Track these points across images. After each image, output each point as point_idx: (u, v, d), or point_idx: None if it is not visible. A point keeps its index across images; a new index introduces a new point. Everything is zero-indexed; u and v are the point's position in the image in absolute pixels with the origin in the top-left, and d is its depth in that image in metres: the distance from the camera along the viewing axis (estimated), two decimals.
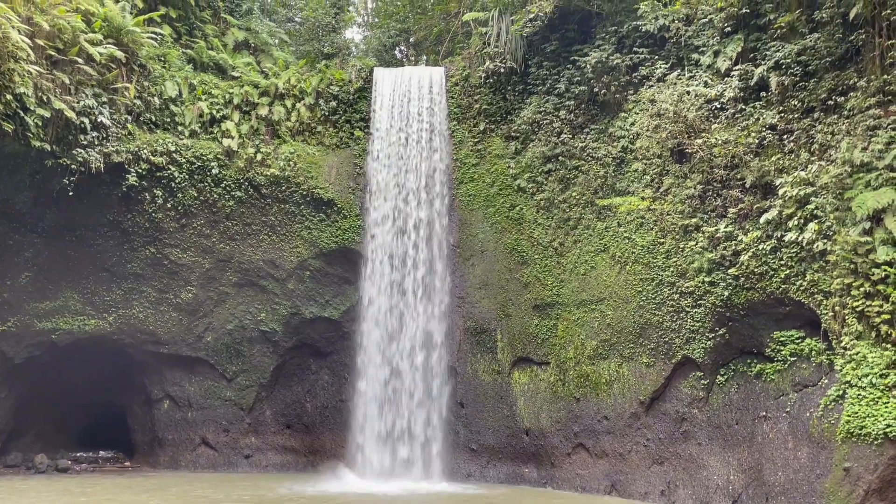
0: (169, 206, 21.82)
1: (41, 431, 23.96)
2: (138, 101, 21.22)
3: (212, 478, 21.46)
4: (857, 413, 13.27)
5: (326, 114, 23.52)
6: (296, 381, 24.35)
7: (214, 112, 22.65)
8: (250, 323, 23.32)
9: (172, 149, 21.56)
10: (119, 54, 20.06)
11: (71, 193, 19.76)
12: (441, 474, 21.11)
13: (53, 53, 18.68)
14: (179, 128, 22.19)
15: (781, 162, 15.96)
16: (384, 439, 21.49)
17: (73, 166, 19.41)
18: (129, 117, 21.03)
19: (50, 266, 21.50)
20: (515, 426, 21.20)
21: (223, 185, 22.26)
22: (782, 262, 15.50)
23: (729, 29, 17.86)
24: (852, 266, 13.98)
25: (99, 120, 19.65)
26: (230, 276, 22.93)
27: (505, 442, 21.44)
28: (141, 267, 22.25)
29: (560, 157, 21.15)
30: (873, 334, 13.60)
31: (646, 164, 19.11)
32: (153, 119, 21.83)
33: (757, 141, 16.46)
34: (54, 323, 21.89)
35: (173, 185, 21.69)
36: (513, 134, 22.39)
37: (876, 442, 12.91)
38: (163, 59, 22.46)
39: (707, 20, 18.48)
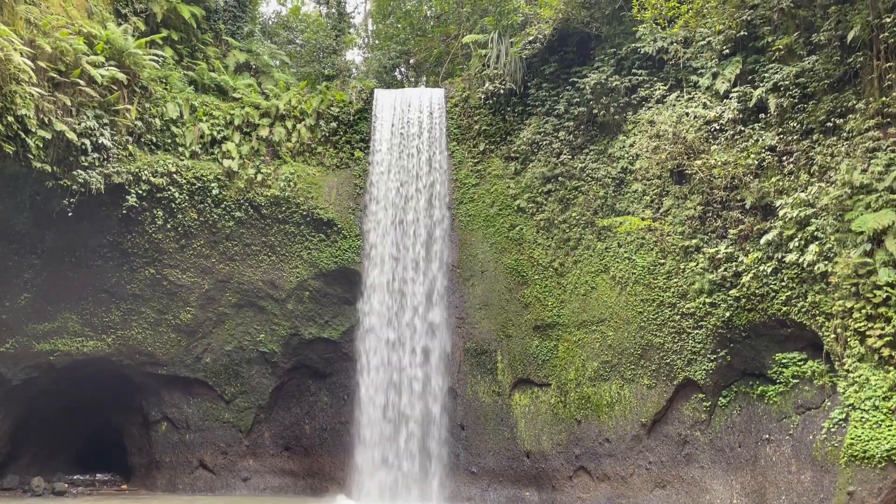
0: (169, 226, 21.81)
1: (38, 454, 23.78)
2: (139, 123, 21.29)
3: (210, 501, 21.22)
4: (860, 436, 13.15)
5: (327, 134, 23.60)
6: (294, 402, 24.19)
7: (215, 133, 22.72)
8: (249, 344, 23.22)
9: (173, 170, 21.59)
10: (121, 76, 20.15)
11: (71, 214, 19.75)
12: (441, 497, 20.88)
13: (55, 75, 18.76)
14: (180, 149, 22.23)
15: (781, 183, 15.97)
16: (383, 462, 21.28)
17: (73, 187, 19.41)
18: (131, 138, 21.09)
19: (49, 287, 21.43)
20: (516, 448, 21.02)
21: (223, 205, 22.26)
22: (783, 284, 15.46)
23: (727, 51, 17.96)
24: (853, 288, 13.93)
25: (100, 141, 19.69)
26: (229, 296, 22.86)
27: (505, 465, 21.25)
28: (140, 288, 22.19)
29: (560, 178, 21.18)
30: (876, 357, 13.53)
31: (645, 185, 19.13)
32: (154, 140, 21.88)
33: (756, 162, 16.48)
34: (53, 344, 21.79)
35: (173, 205, 21.69)
36: (512, 154, 22.44)
37: (880, 465, 12.79)
38: (164, 80, 22.57)
39: (705, 42, 18.59)
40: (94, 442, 25.15)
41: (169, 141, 22.18)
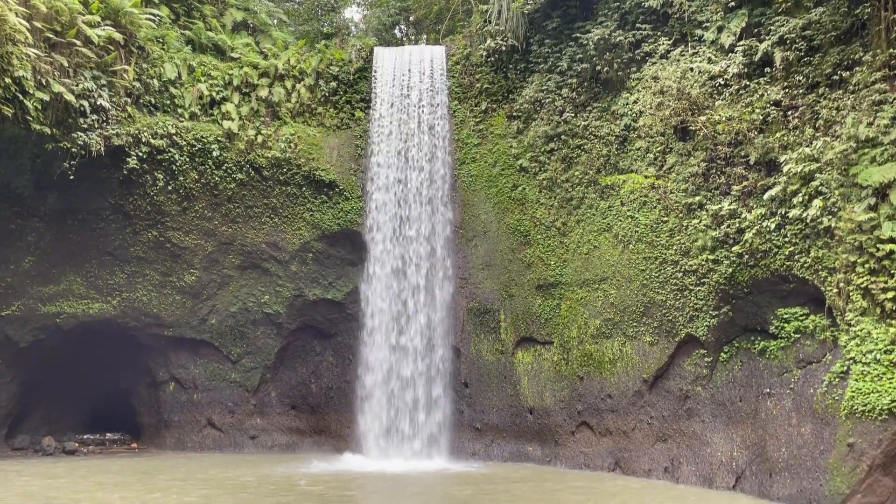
0: (170, 189, 21.77)
1: (48, 415, 24.13)
2: (137, 84, 21.09)
3: (219, 458, 21.59)
4: (861, 389, 13.28)
5: (326, 94, 23.38)
6: (300, 362, 24.45)
7: (214, 94, 22.52)
8: (254, 305, 23.37)
9: (173, 131, 21.46)
10: (117, 36, 19.89)
11: (72, 177, 19.70)
12: (445, 453, 21.24)
13: (51, 36, 18.53)
14: (179, 110, 22.06)
15: (786, 138, 15.84)
16: (389, 419, 21.60)
17: (73, 150, 19.33)
18: (129, 100, 20.92)
19: (53, 250, 21.50)
20: (519, 405, 21.30)
21: (224, 167, 22.18)
22: (786, 239, 15.45)
23: (733, 4, 17.64)
24: (857, 242, 13.92)
25: (98, 103, 19.54)
26: (233, 258, 22.93)
27: (509, 421, 21.55)
28: (144, 250, 22.25)
29: (562, 136, 21.03)
30: (878, 310, 13.58)
31: (649, 143, 19.00)
32: (153, 101, 21.70)
33: (761, 117, 16.33)
34: (59, 307, 21.95)
35: (174, 168, 21.62)
36: (515, 113, 22.26)
37: (880, 418, 12.93)
38: (161, 40, 22.27)
39: None
40: (104, 403, 25.49)
41: (168, 102, 22.00)
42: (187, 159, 21.75)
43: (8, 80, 17.12)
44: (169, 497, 14.07)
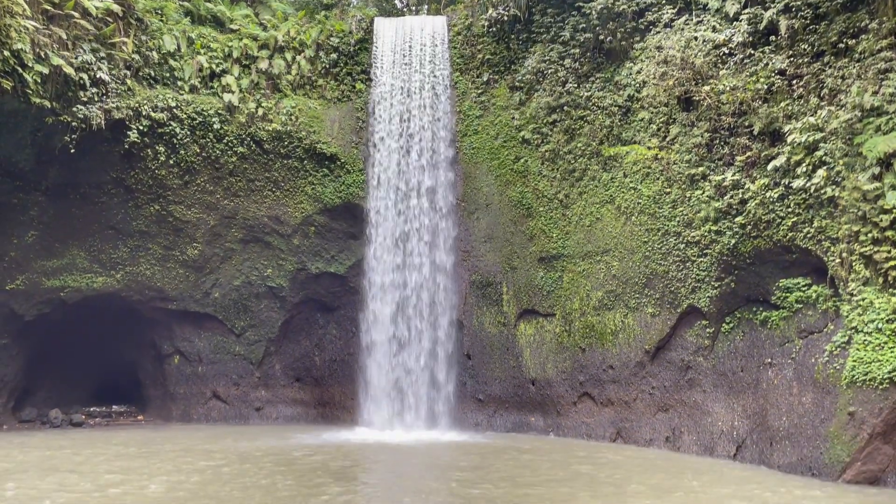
0: (171, 162, 21.72)
1: (54, 388, 24.37)
2: (136, 56, 20.94)
3: (225, 430, 21.79)
4: (862, 358, 13.34)
5: (327, 66, 23.21)
6: (304, 335, 24.58)
7: (214, 66, 22.36)
8: (257, 279, 23.44)
9: (173, 104, 21.35)
10: (115, 8, 19.72)
11: (73, 151, 19.66)
12: (449, 424, 21.44)
13: (49, 8, 18.36)
14: (179, 83, 21.93)
15: (790, 108, 15.73)
16: (392, 391, 21.77)
17: (73, 123, 19.27)
18: (128, 73, 20.79)
19: (56, 224, 21.53)
20: (521, 377, 21.44)
21: (225, 140, 22.11)
22: (790, 210, 15.41)
23: None
24: (860, 212, 13.89)
25: (98, 76, 19.43)
26: (235, 232, 22.95)
27: (511, 392, 21.71)
28: (146, 224, 22.27)
29: (565, 108, 20.89)
30: (880, 280, 13.59)
31: (652, 113, 18.88)
32: (152, 74, 21.57)
33: (765, 87, 16.20)
34: (62, 281, 22.04)
35: (175, 141, 21.54)
36: (517, 84, 22.09)
37: (881, 386, 13.01)
38: (160, 12, 22.08)
39: None
40: (110, 376, 25.71)
41: (167, 75, 21.86)
42: (188, 133, 21.67)
43: (6, 53, 17.01)
44: (170, 467, 14.23)
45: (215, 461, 15.11)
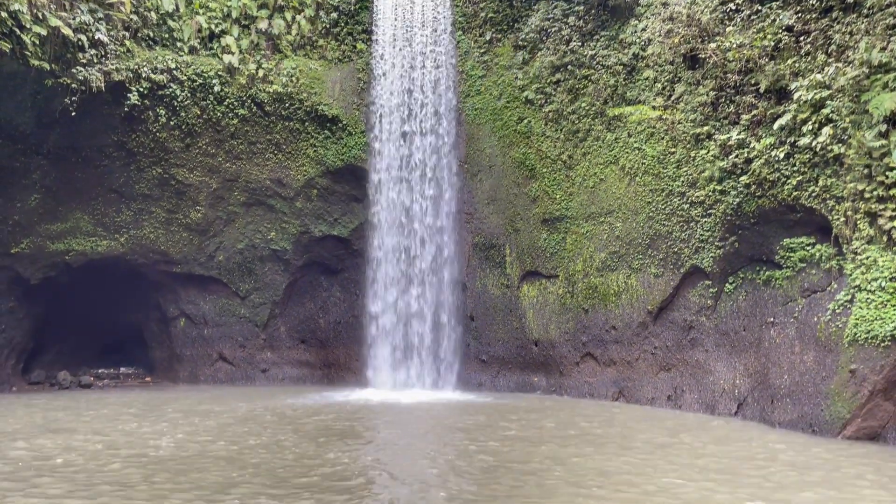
0: (172, 125, 21.59)
1: (62, 350, 24.62)
2: (135, 17, 20.68)
3: (231, 391, 22.06)
4: (865, 316, 13.37)
5: (327, 26, 22.90)
6: (308, 298, 24.71)
7: (213, 27, 22.08)
8: (260, 242, 23.48)
9: (172, 66, 21.15)
10: None
11: (73, 114, 19.56)
12: (452, 384, 21.67)
13: None
14: (178, 44, 21.69)
15: (797, 65, 15.51)
16: (396, 352, 21.97)
17: (73, 85, 19.13)
18: (127, 34, 20.55)
19: (58, 188, 21.52)
20: (524, 338, 21.58)
21: (226, 102, 21.94)
22: (795, 169, 15.30)
23: None
24: (866, 170, 13.79)
25: (96, 37, 19.22)
26: (238, 195, 22.92)
27: (514, 353, 21.88)
28: (149, 187, 22.25)
29: (569, 67, 20.64)
30: (885, 238, 13.55)
31: (657, 72, 18.65)
32: (151, 35, 21.32)
33: (772, 43, 15.96)
34: (67, 244, 22.11)
35: (175, 103, 21.39)
36: (520, 43, 21.80)
37: (883, 344, 13.06)
38: None
39: None
40: (117, 338, 25.96)
41: (166, 36, 21.61)
42: (188, 95, 21.50)
43: (4, 14, 16.80)
44: (178, 427, 14.43)
45: (222, 420, 15.32)
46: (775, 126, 15.55)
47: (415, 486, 9.53)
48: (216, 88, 21.66)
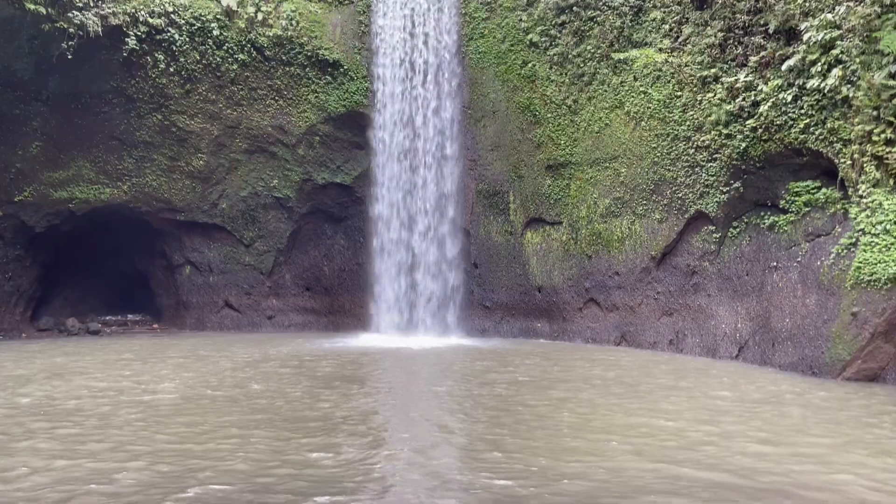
0: (172, 70, 21.31)
1: (69, 298, 24.86)
2: None
3: (238, 337, 22.32)
4: (868, 259, 13.38)
5: None
6: (312, 245, 24.78)
7: None
8: (263, 189, 23.42)
9: (170, 9, 20.75)
10: None
11: (71, 59, 19.29)
12: (456, 330, 21.88)
13: None
14: None
15: (807, 4, 15.14)
16: (401, 299, 22.12)
17: (70, 30, 18.82)
18: None
19: (59, 135, 21.40)
20: (528, 284, 21.69)
21: (225, 47, 21.60)
22: (802, 111, 15.10)
23: None
24: (875, 112, 13.60)
25: None
26: (239, 142, 22.77)
27: (518, 299, 22.02)
28: (150, 134, 22.10)
29: (574, 8, 20.20)
30: (891, 181, 13.46)
31: (664, 13, 18.26)
32: None
33: None
34: (70, 192, 22.10)
35: (174, 48, 21.06)
36: None
37: (886, 287, 13.09)
38: None
39: None
40: (124, 286, 26.18)
41: None
42: (187, 39, 21.15)
43: None
44: (185, 372, 14.66)
45: (229, 365, 15.54)
46: (783, 68, 15.29)
47: (426, 428, 9.71)
48: (215, 32, 21.30)
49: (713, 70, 16.96)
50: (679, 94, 17.79)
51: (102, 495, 6.63)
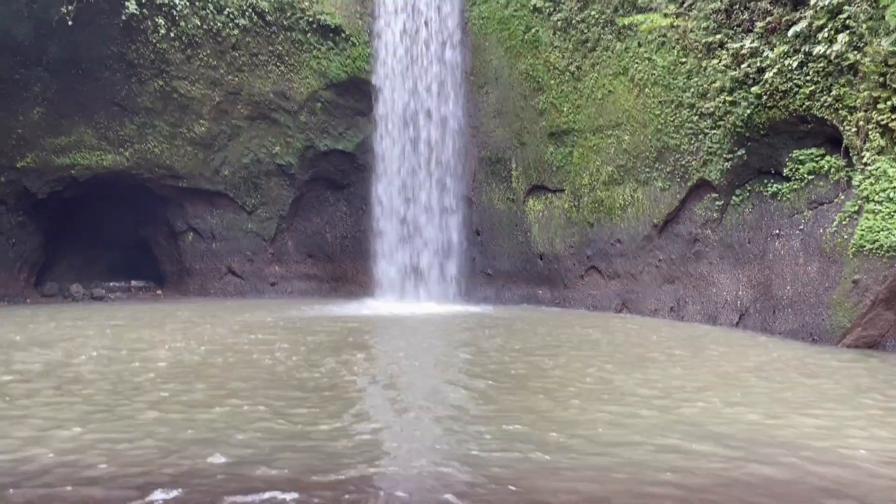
0: (172, 35, 21.13)
1: (73, 264, 24.98)
2: None
3: (243, 303, 22.46)
4: (871, 227, 13.40)
5: None
6: (315, 212, 24.82)
7: None
8: (265, 156, 23.38)
9: None
10: None
11: (71, 23, 19.12)
12: (458, 297, 22.01)
13: None
14: None
15: None
16: (403, 266, 22.21)
17: None
18: None
19: (60, 101, 21.30)
20: (529, 252, 21.75)
21: (226, 12, 21.40)
22: (808, 78, 14.98)
23: None
24: (881, 79, 13.50)
25: None
26: (241, 109, 22.68)
27: (519, 266, 22.10)
28: (151, 101, 21.99)
29: None
30: (895, 149, 13.41)
31: None
32: None
33: None
34: (72, 158, 22.08)
35: (174, 13, 20.86)
36: None
37: (888, 255, 13.13)
38: None
39: None
40: (127, 252, 26.27)
41: None
42: (187, 3, 20.94)
43: None
44: (189, 337, 14.79)
45: (234, 329, 15.68)
46: (790, 33, 15.12)
47: (428, 391, 9.82)
48: None
49: (718, 36, 16.79)
50: (684, 60, 17.63)
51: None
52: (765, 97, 15.80)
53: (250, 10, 21.49)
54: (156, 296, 25.04)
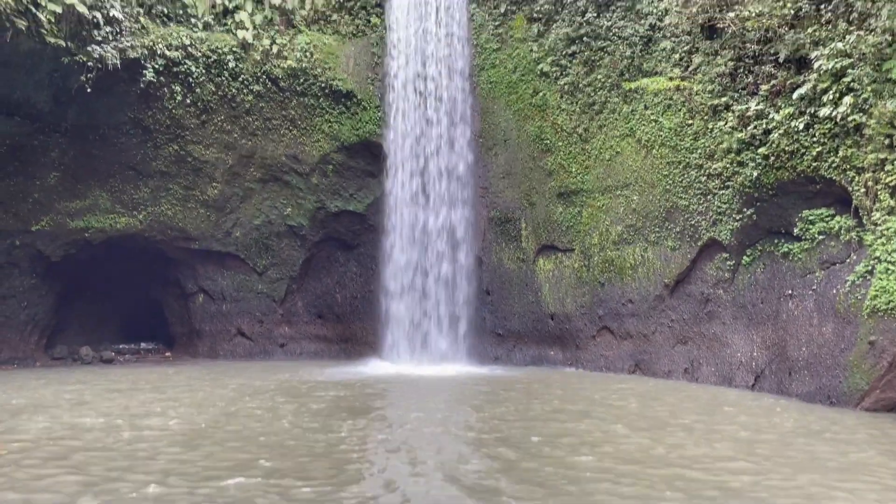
0: (188, 101, 21.63)
1: (84, 325, 24.99)
2: None
3: (250, 365, 22.30)
4: (884, 287, 13.29)
5: (341, 0, 22.77)
6: (325, 273, 24.86)
7: (227, 2, 21.98)
8: (277, 218, 23.59)
9: (187, 42, 21.12)
10: None
11: (90, 91, 19.62)
12: (469, 358, 21.79)
13: None
14: (192, 20, 21.64)
15: (818, 33, 15.26)
16: (413, 326, 22.09)
17: (89, 63, 19.18)
18: (141, 10, 20.52)
19: (77, 165, 21.68)
20: (540, 311, 21.63)
21: (241, 79, 21.92)
22: (815, 139, 15.13)
23: None
24: (887, 140, 13.62)
25: (111, 14, 19.21)
26: (254, 171, 23.00)
27: (530, 326, 21.95)
28: (166, 164, 22.36)
29: (585, 38, 20.42)
30: None
31: (674, 42, 18.42)
32: (165, 11, 21.27)
33: (792, 12, 15.69)
34: (86, 221, 22.33)
35: (191, 80, 21.40)
36: (535, 15, 21.56)
37: None
38: None
39: None
40: (137, 314, 26.30)
41: (181, 12, 21.55)
42: (203, 71, 21.49)
43: None
44: (199, 400, 14.66)
45: (242, 393, 15.54)
46: (795, 96, 15.35)
47: (440, 461, 9.64)
48: (231, 65, 21.63)
49: (724, 98, 17.05)
50: (690, 122, 17.87)
51: None
52: (772, 158, 15.93)
53: (264, 76, 22.02)
54: (165, 358, 24.93)
